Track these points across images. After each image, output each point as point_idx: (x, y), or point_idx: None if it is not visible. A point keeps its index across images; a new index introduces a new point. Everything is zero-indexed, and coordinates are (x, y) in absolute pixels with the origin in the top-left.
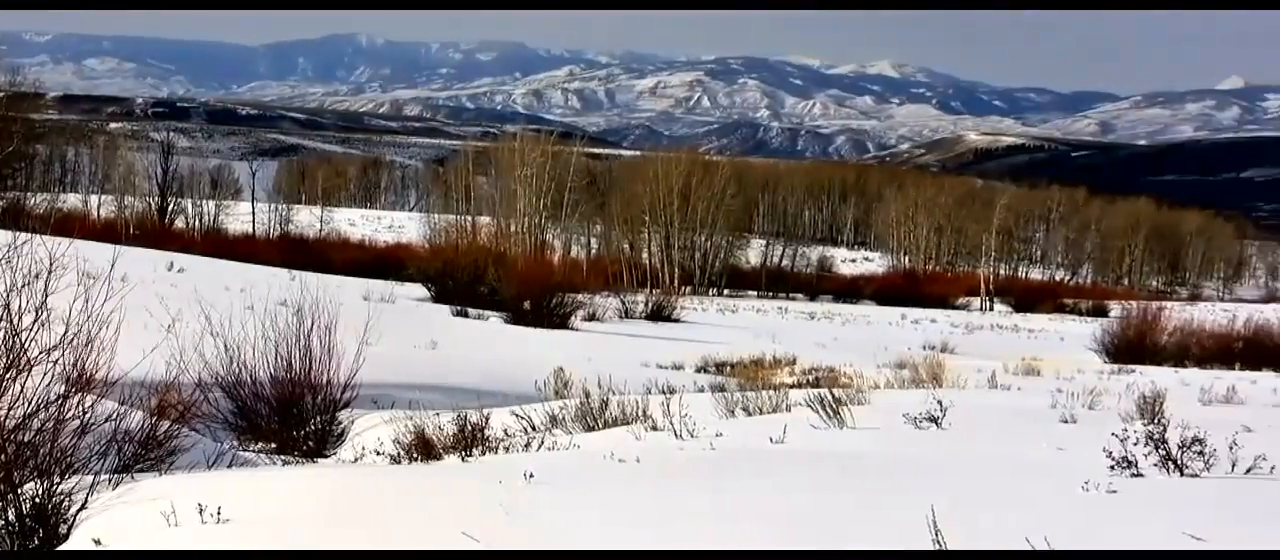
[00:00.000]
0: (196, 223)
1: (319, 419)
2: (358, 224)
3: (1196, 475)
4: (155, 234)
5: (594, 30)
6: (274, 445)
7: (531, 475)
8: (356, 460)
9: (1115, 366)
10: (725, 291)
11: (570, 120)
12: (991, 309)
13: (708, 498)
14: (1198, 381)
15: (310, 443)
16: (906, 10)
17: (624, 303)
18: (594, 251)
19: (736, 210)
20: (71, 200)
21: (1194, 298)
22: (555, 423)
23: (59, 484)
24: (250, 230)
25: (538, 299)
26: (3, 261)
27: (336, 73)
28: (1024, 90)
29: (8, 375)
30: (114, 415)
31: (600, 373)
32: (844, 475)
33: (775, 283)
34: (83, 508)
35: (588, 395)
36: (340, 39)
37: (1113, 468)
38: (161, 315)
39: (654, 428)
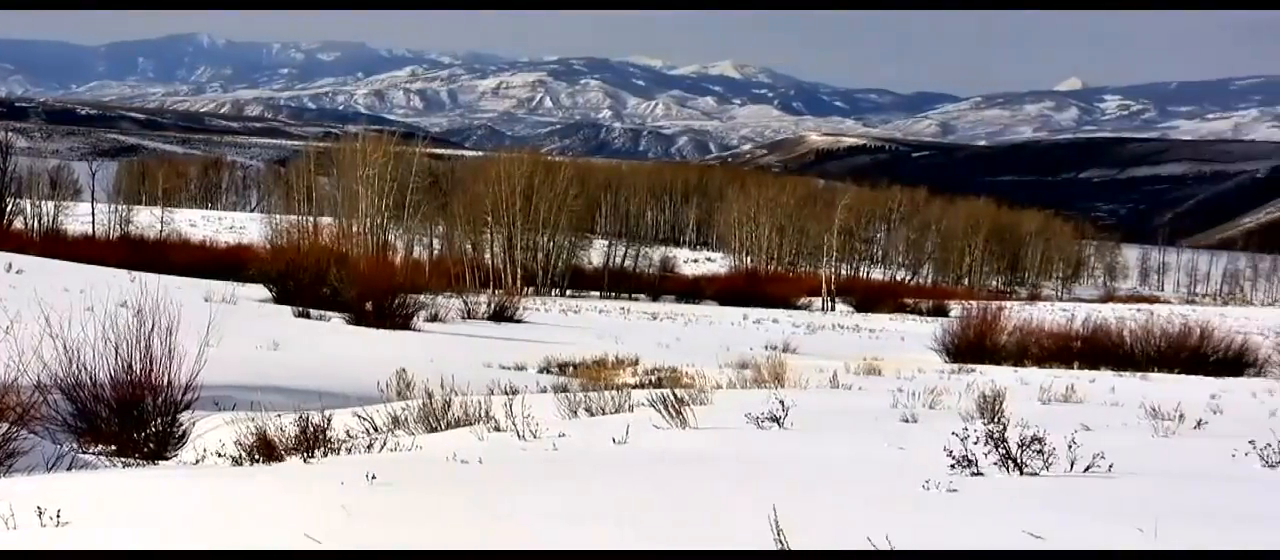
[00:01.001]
0: (35, 224)
1: (160, 421)
2: (199, 225)
3: (1036, 474)
4: None
5: (436, 30)
6: (114, 447)
7: (374, 477)
8: (198, 462)
9: (956, 366)
10: (568, 292)
11: (413, 121)
12: (833, 309)
13: (550, 498)
14: (1037, 380)
15: (151, 445)
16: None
17: (466, 303)
18: (436, 252)
19: (579, 211)
20: None
21: (1033, 297)
22: (397, 424)
23: None
24: (90, 231)
25: (380, 300)
26: None
27: (177, 72)
28: (865, 91)
29: None
30: None
31: (443, 373)
32: (687, 474)
33: (618, 283)
34: None
35: (430, 396)
36: (181, 39)
37: (953, 467)
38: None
39: (497, 429)
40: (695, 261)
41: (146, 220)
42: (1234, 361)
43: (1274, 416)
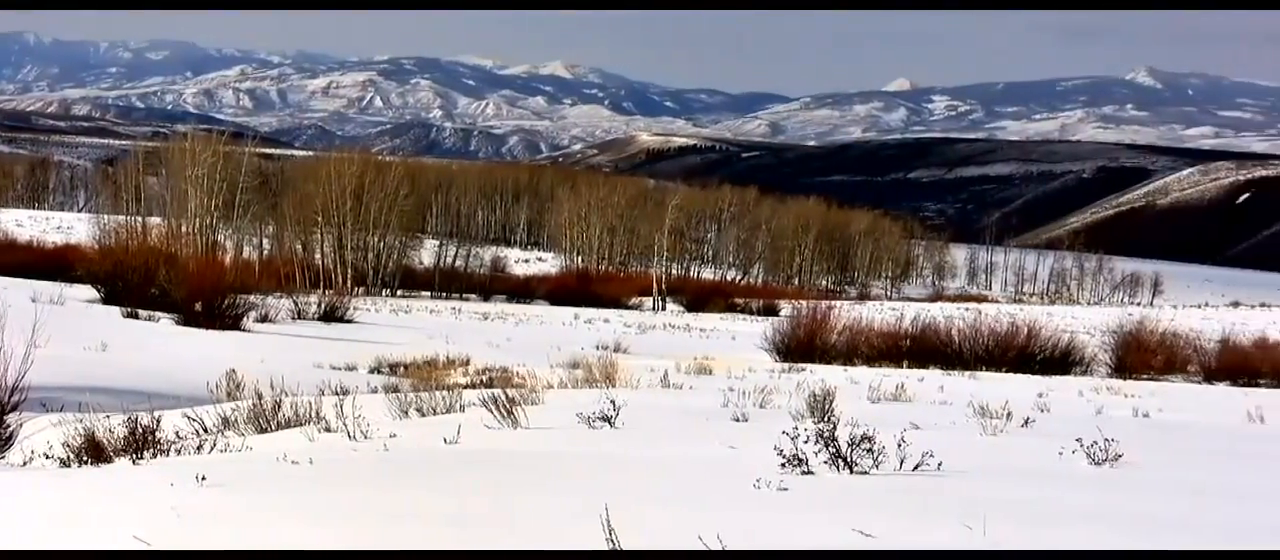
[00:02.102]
0: None
1: None
2: (25, 225)
3: (866, 473)
4: None
5: (266, 30)
6: None
7: (204, 478)
8: (25, 464)
9: (786, 365)
10: (399, 292)
11: (242, 120)
12: (664, 308)
13: (381, 497)
14: (867, 379)
15: None
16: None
17: (297, 304)
18: (266, 253)
19: (410, 211)
20: None
21: (863, 297)
22: (227, 425)
23: None
24: None
25: (209, 300)
26: None
27: (3, 71)
28: (695, 91)
29: None
30: None
31: (273, 374)
32: (518, 475)
33: (449, 283)
34: None
35: (260, 397)
36: (6, 37)
37: (784, 465)
38: None
39: (327, 429)
40: (526, 261)
41: None
42: (1061, 360)
43: (1100, 415)
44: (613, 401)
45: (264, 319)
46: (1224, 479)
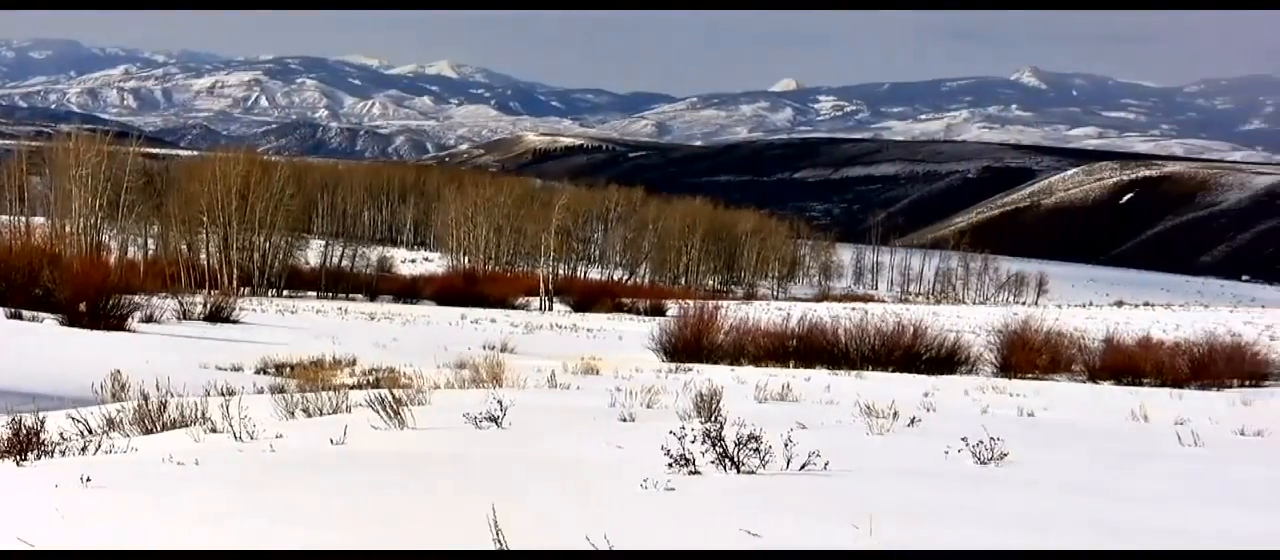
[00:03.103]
0: None
1: None
2: None
3: (753, 472)
4: None
5: (150, 29)
6: None
7: (88, 479)
8: None
9: (673, 365)
10: (285, 292)
11: (126, 120)
12: (551, 309)
13: (267, 497)
14: (754, 379)
15: None
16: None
17: (182, 304)
18: (151, 253)
19: (296, 210)
20: None
21: (749, 297)
22: (112, 426)
23: None
24: None
25: (94, 300)
26: None
27: None
28: (582, 91)
29: None
30: None
31: (159, 375)
32: (405, 475)
33: (335, 283)
34: None
35: (145, 398)
36: None
37: (671, 465)
38: None
39: (213, 430)
40: (413, 262)
41: None
42: (946, 360)
43: (985, 414)
44: (500, 402)
45: (149, 319)
46: (1107, 478)
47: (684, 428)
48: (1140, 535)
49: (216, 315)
